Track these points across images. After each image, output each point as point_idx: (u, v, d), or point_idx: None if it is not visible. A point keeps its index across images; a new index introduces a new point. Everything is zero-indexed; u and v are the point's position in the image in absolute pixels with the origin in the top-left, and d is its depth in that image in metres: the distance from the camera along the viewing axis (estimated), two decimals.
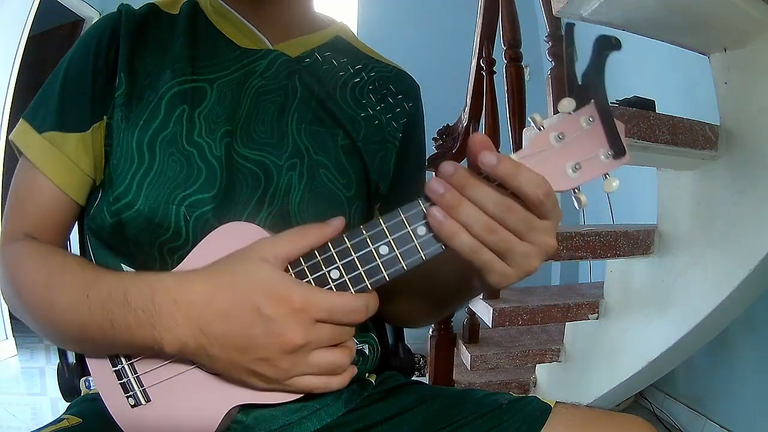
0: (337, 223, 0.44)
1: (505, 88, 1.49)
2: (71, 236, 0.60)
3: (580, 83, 0.40)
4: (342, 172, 0.58)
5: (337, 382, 0.44)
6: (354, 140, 0.59)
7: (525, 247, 0.40)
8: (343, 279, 0.43)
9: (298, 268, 0.43)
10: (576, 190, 0.41)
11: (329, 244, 0.43)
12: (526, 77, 2.19)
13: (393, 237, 0.42)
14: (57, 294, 0.45)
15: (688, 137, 1.01)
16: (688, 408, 1.79)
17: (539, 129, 0.41)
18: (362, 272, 0.43)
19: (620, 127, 0.40)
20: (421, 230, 0.42)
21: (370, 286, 0.43)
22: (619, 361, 1.29)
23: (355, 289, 0.43)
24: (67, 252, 0.51)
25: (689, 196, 1.12)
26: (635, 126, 0.96)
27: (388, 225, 0.42)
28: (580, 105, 0.40)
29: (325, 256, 0.43)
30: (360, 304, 0.42)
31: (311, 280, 0.43)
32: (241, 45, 0.58)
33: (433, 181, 0.40)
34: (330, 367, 0.43)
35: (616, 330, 1.32)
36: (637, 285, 1.26)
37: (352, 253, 0.43)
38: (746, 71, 1.01)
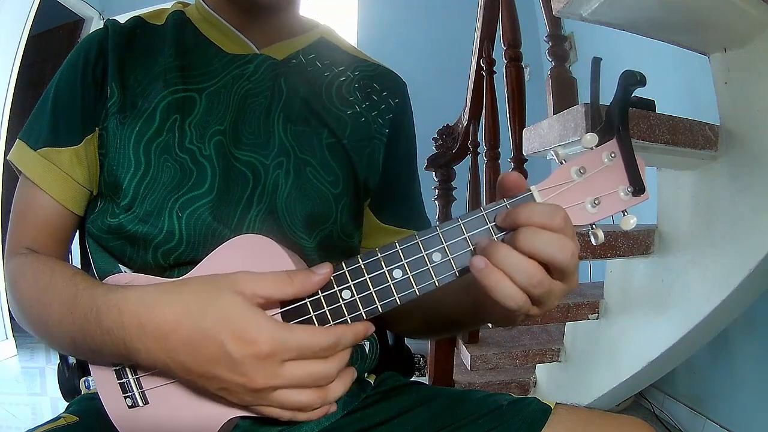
0: (325, 271, 0.42)
1: (505, 88, 1.49)
2: (73, 240, 0.61)
3: (603, 119, 0.40)
4: (328, 170, 0.58)
5: (304, 417, 0.43)
6: (339, 138, 0.60)
7: (559, 287, 0.40)
8: (353, 299, 0.42)
9: None
10: (593, 226, 0.41)
11: (342, 263, 0.43)
12: (526, 77, 2.19)
13: (407, 260, 0.41)
14: (48, 311, 0.47)
15: (688, 137, 1.00)
16: (688, 408, 1.79)
17: (561, 162, 0.41)
18: (374, 293, 0.42)
19: (641, 164, 0.40)
20: (437, 256, 0.41)
21: (380, 309, 0.42)
22: (619, 361, 1.29)
23: (365, 310, 0.42)
24: (58, 265, 0.51)
25: (689, 196, 1.12)
26: (635, 126, 0.96)
27: (403, 248, 0.41)
28: (602, 140, 0.40)
29: (337, 274, 0.42)
30: (329, 341, 0.41)
31: (321, 298, 0.42)
32: (229, 51, 0.59)
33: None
34: (296, 406, 0.42)
35: (616, 330, 1.31)
36: (637, 285, 1.25)
37: (365, 274, 0.42)
38: (746, 71, 1.00)
